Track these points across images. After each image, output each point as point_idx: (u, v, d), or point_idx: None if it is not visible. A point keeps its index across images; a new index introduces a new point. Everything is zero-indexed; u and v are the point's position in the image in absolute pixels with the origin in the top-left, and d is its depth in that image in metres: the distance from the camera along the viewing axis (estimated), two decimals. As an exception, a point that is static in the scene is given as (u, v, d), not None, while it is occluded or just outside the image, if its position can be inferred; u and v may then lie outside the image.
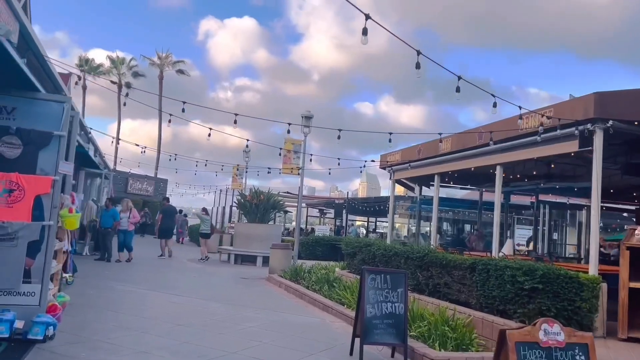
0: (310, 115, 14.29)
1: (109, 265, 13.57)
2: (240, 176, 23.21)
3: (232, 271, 14.79)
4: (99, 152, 22.15)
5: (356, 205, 24.76)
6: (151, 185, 37.10)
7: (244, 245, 17.18)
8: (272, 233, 17.35)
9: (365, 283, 6.03)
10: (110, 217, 14.47)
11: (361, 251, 11.07)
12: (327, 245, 21.20)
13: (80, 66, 50.88)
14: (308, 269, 12.50)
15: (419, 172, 10.91)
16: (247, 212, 17.75)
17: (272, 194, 17.91)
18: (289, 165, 14.23)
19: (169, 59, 49.86)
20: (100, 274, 11.64)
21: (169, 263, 15.72)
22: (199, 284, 11.41)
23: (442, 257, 8.33)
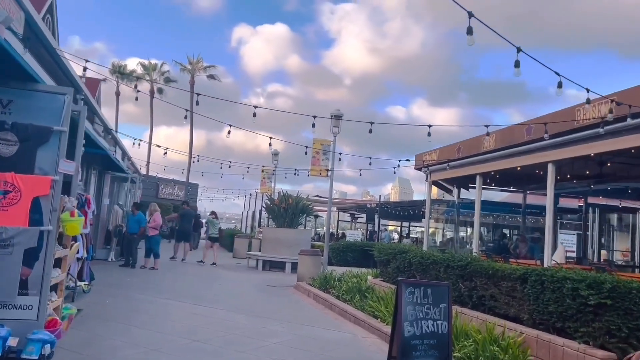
0: (339, 114, 13.56)
1: (133, 271, 13.11)
2: (270, 180, 22.65)
3: (259, 278, 14.15)
4: (127, 156, 21.98)
5: (389, 209, 23.88)
6: (182, 190, 37.00)
7: (272, 251, 16.54)
8: (301, 238, 16.66)
9: (403, 297, 5.24)
10: (136, 223, 14.06)
11: (395, 258, 10.24)
12: (358, 251, 20.37)
13: (113, 72, 51.66)
14: (338, 277, 11.75)
15: (459, 173, 10.02)
16: (275, 216, 17.11)
17: (301, 198, 17.24)
18: (317, 167, 13.52)
19: (200, 64, 49.94)
20: (121, 281, 11.15)
21: (196, 270, 15.19)
22: (223, 293, 10.79)
23: (487, 266, 7.45)
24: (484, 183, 13.04)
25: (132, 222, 14.23)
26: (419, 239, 27.38)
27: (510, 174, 10.69)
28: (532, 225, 17.93)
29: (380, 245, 11.41)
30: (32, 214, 5.08)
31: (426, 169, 10.83)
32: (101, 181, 15.74)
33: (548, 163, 7.81)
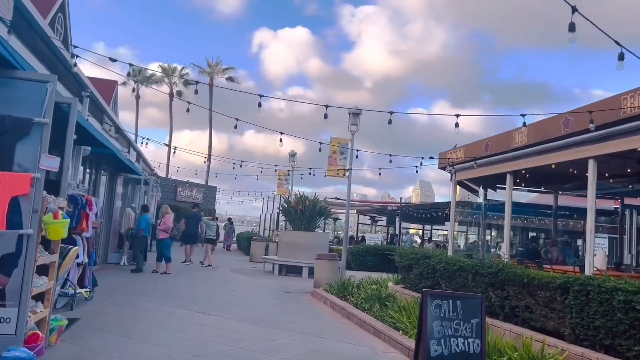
0: (358, 111, 12.89)
1: (142, 276, 12.61)
2: (287, 181, 22.07)
3: (274, 284, 13.53)
4: (142, 157, 21.64)
5: (410, 211, 23.07)
6: (200, 193, 36.70)
7: (288, 255, 15.92)
8: (318, 242, 16.01)
9: (428, 311, 4.55)
10: (139, 225, 13.62)
11: (418, 264, 9.52)
12: (378, 255, 19.62)
13: (134, 76, 51.79)
14: (357, 283, 11.06)
15: (487, 171, 9.25)
16: (292, 219, 16.49)
17: (318, 200, 16.59)
18: (334, 167, 12.86)
19: (219, 66, 49.76)
20: (128, 287, 10.65)
21: (209, 274, 14.65)
22: (235, 300, 10.19)
23: (521, 273, 6.70)
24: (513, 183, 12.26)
25: (137, 225, 13.83)
26: (442, 243, 26.51)
27: (542, 173, 9.89)
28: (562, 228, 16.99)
29: (401, 249, 10.69)
30: (10, 216, 4.54)
31: (451, 167, 10.08)
32: (113, 183, 15.33)
33: (589, 159, 7.03)
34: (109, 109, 12.28)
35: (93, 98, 10.87)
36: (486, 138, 9.39)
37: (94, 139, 9.41)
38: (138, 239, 13.52)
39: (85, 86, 9.99)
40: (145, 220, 13.59)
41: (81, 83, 9.83)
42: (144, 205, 14.56)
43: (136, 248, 13.56)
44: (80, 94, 9.94)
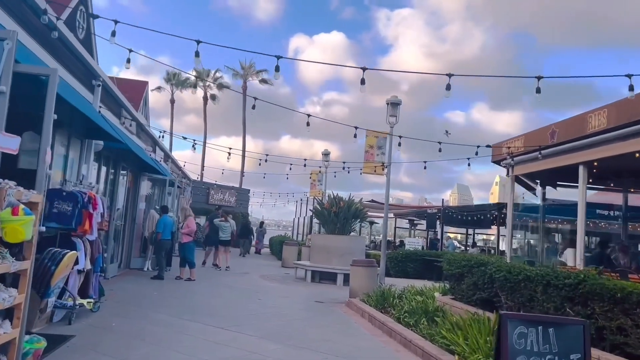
0: (397, 101, 11.62)
1: (162, 284, 11.62)
2: (320, 182, 20.91)
3: (306, 292, 12.35)
4: (171, 158, 20.88)
5: (454, 214, 21.52)
6: (233, 196, 35.91)
7: (321, 261, 14.72)
8: (354, 246, 14.76)
9: (509, 342, 3.28)
10: (157, 227, 12.66)
11: (471, 272, 8.16)
12: (419, 261, 18.22)
13: (168, 80, 51.83)
14: (399, 293, 9.77)
15: (554, 163, 7.81)
16: (325, 221, 15.30)
17: (353, 201, 15.34)
18: (371, 164, 11.60)
19: (252, 68, 49.16)
20: (144, 296, 9.66)
21: (236, 281, 13.59)
22: (260, 311, 9.05)
23: (612, 286, 5.30)
24: (572, 180, 10.77)
25: (158, 228, 12.86)
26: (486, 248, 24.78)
27: (617, 166, 8.40)
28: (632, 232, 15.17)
29: (451, 255, 9.34)
30: (-46, 211, 3.50)
31: (510, 159, 8.64)
32: (136, 183, 14.49)
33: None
34: (128, 103, 11.40)
35: (108, 89, 9.97)
36: (552, 124, 7.95)
37: (103, 131, 8.48)
38: (159, 243, 12.58)
39: (97, 74, 9.08)
40: (163, 222, 12.63)
41: (91, 70, 8.92)
42: (163, 206, 13.61)
43: (158, 253, 12.63)
44: (91, 83, 9.03)
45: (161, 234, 12.45)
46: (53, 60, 7.28)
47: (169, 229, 12.59)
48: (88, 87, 9.04)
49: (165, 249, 12.51)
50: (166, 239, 12.47)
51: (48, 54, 7.14)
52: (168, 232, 12.50)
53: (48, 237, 6.82)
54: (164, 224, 12.54)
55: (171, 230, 12.73)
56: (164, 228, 12.49)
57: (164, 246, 12.48)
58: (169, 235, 12.54)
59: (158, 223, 12.63)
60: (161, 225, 12.53)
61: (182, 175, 25.95)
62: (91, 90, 9.09)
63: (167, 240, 12.50)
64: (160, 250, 12.48)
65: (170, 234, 12.64)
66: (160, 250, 12.48)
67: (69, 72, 8.19)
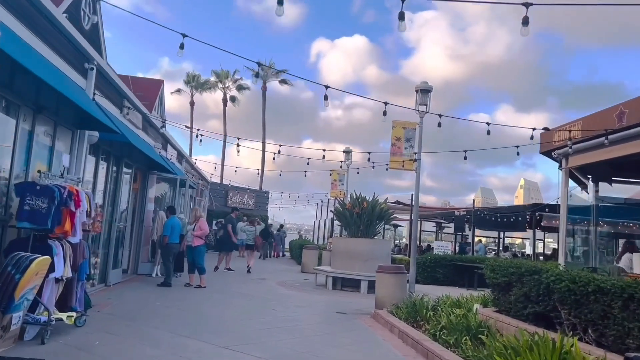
0: (427, 87, 10.39)
1: (168, 292, 10.57)
2: (341, 182, 19.72)
3: (326, 301, 11.17)
4: (185, 157, 19.94)
5: (486, 216, 20.05)
6: (252, 198, 34.97)
7: (343, 266, 13.52)
8: (378, 250, 13.52)
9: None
10: (164, 230, 11.61)
11: (522, 282, 6.87)
12: (449, 267, 16.88)
13: (188, 82, 51.31)
14: (432, 304, 8.53)
15: (622, 151, 6.49)
16: (347, 223, 14.09)
17: (377, 201, 14.10)
18: (398, 158, 10.36)
19: (272, 69, 48.22)
20: (144, 306, 8.59)
21: (251, 289, 12.48)
22: (273, 325, 7.88)
23: None
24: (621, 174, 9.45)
25: (165, 230, 11.79)
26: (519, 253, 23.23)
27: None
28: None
29: (496, 262, 8.03)
30: None
31: (569, 147, 7.28)
32: (144, 183, 13.51)
33: None
34: (130, 92, 10.38)
35: (105, 75, 8.96)
36: (619, 104, 6.62)
37: (96, 120, 7.46)
38: (166, 247, 11.55)
39: (90, 57, 8.07)
40: (171, 224, 11.59)
41: (82, 52, 7.91)
42: (169, 207, 12.55)
43: (165, 258, 11.60)
44: (83, 67, 8.02)
45: (168, 237, 11.40)
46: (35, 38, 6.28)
47: (177, 232, 11.55)
48: (81, 72, 8.03)
49: (173, 254, 11.45)
50: (174, 242, 11.43)
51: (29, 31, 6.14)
52: (176, 235, 11.46)
53: (21, 240, 5.80)
54: (171, 226, 11.50)
55: (180, 233, 11.66)
56: (171, 231, 11.45)
57: (172, 250, 11.43)
58: (177, 238, 11.50)
59: (165, 225, 11.59)
60: (168, 228, 11.49)
61: (198, 176, 25.05)
62: (84, 75, 8.08)
63: (175, 244, 11.46)
64: (168, 255, 11.44)
65: (179, 237, 11.57)
66: (168, 255, 11.44)
67: (57, 54, 7.20)
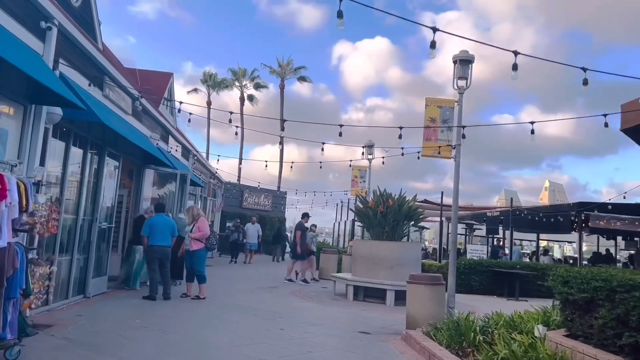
0: (468, 57, 8.56)
1: (155, 305, 8.89)
2: (363, 179, 17.89)
3: (346, 315, 9.38)
4: (192, 152, 18.34)
5: (528, 215, 17.94)
6: (269, 199, 33.30)
7: (366, 273, 11.69)
8: (407, 255, 11.67)
9: None
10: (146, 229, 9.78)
11: (613, 300, 4.98)
12: (485, 273, 14.92)
13: (205, 81, 50.01)
14: (481, 325, 6.67)
15: None
16: (370, 224, 12.27)
17: (405, 198, 12.24)
18: (433, 144, 8.50)
19: (290, 65, 46.67)
20: (119, 325, 6.91)
21: (258, 301, 10.76)
22: (280, 355, 6.11)
23: None
24: None
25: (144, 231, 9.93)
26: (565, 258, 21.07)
27: None
28: None
29: (570, 272, 6.11)
30: None
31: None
32: (140, 178, 11.92)
33: None
34: (112, 69, 8.73)
35: (74, 41, 7.32)
36: None
37: (53, 93, 5.83)
38: (145, 251, 9.86)
39: (48, 14, 6.44)
40: (149, 223, 9.77)
41: (39, 8, 6.29)
42: (157, 204, 10.77)
43: (147, 265, 9.92)
44: (39, 27, 6.39)
45: (147, 239, 9.68)
46: None
47: (163, 232, 9.68)
48: (37, 33, 6.41)
49: (157, 259, 9.69)
50: (156, 245, 9.63)
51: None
52: (162, 237, 9.63)
53: None
54: (150, 225, 9.71)
55: (174, 235, 9.92)
56: (151, 230, 9.67)
57: (154, 255, 9.61)
58: (164, 240, 9.69)
59: (144, 225, 9.87)
60: (147, 228, 9.71)
61: (210, 174, 23.49)
62: (40, 36, 6.45)
63: (159, 247, 9.63)
64: (150, 260, 9.69)
65: (170, 239, 9.81)
66: (150, 260, 9.69)
67: (8, 14, 5.61)
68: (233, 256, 20.82)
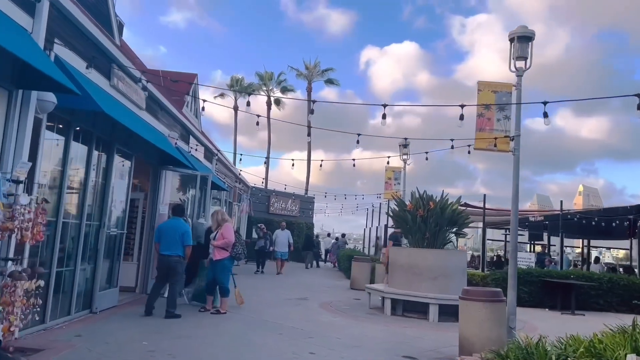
0: (528, 33, 7.33)
1: (169, 323, 7.86)
2: (398, 181, 16.67)
3: (385, 335, 8.19)
4: (215, 154, 17.45)
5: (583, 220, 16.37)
6: (296, 205, 32.26)
7: (404, 284, 10.48)
8: (451, 265, 10.42)
9: None
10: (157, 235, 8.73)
11: None
12: (535, 284, 13.54)
13: (231, 86, 49.47)
14: (557, 354, 5.39)
15: None
16: (409, 229, 11.05)
17: (447, 201, 10.99)
18: (487, 135, 7.25)
19: (317, 68, 45.71)
20: (120, 348, 5.89)
21: (284, 316, 9.66)
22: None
23: None
24: None
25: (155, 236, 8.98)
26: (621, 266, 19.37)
27: None
28: None
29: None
30: None
31: None
32: (157, 181, 10.99)
33: None
34: (121, 55, 7.80)
35: (69, 16, 6.37)
36: None
37: (42, 75, 4.88)
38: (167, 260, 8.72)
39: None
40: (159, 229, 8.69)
41: None
42: (175, 206, 9.68)
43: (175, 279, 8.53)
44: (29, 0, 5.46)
45: (160, 246, 8.61)
46: None
47: (172, 239, 8.43)
48: (26, 7, 5.48)
49: (161, 271, 8.54)
50: (161, 254, 8.44)
51: None
52: (165, 245, 8.43)
53: None
54: (159, 231, 8.64)
55: (183, 242, 8.52)
56: (159, 236, 8.60)
57: (158, 266, 8.51)
58: (166, 248, 8.40)
59: (159, 231, 8.76)
60: (156, 234, 8.66)
61: (235, 178, 22.60)
62: (29, 12, 5.52)
63: (161, 256, 8.42)
64: (162, 272, 8.51)
65: (180, 247, 8.52)
66: (162, 272, 8.51)
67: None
68: (259, 266, 19.00)
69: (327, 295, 13.27)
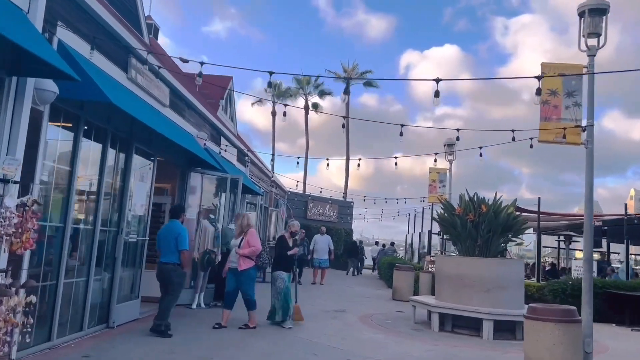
0: (602, 5, 6.23)
1: (188, 342, 7.07)
2: (443, 184, 15.55)
3: (432, 355, 7.18)
4: (247, 156, 16.79)
5: None
6: (334, 210, 31.35)
7: (453, 296, 9.40)
8: (507, 275, 9.27)
9: None
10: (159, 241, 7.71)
11: None
12: (600, 296, 12.11)
13: (268, 87, 49.18)
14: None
15: None
16: (457, 236, 9.96)
17: (501, 204, 9.87)
18: (555, 125, 6.13)
19: (355, 70, 44.83)
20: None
21: (322, 330, 8.77)
22: None
23: None
24: None
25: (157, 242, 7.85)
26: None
27: None
28: None
29: None
30: None
31: None
32: (184, 183, 10.33)
33: None
34: (136, 43, 7.16)
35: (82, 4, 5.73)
36: None
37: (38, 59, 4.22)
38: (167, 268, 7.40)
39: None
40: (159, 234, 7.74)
41: None
42: (174, 206, 8.46)
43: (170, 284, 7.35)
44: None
45: (161, 252, 7.61)
46: None
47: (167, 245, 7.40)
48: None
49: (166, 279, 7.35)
50: (163, 262, 7.39)
51: None
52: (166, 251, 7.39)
53: None
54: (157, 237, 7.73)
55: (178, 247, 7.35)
56: (158, 243, 7.65)
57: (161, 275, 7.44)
58: (166, 256, 7.38)
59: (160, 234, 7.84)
60: (157, 240, 7.71)
61: (270, 183, 21.94)
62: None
63: (161, 264, 7.44)
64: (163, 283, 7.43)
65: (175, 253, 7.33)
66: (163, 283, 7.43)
67: None
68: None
69: (367, 306, 12.29)
